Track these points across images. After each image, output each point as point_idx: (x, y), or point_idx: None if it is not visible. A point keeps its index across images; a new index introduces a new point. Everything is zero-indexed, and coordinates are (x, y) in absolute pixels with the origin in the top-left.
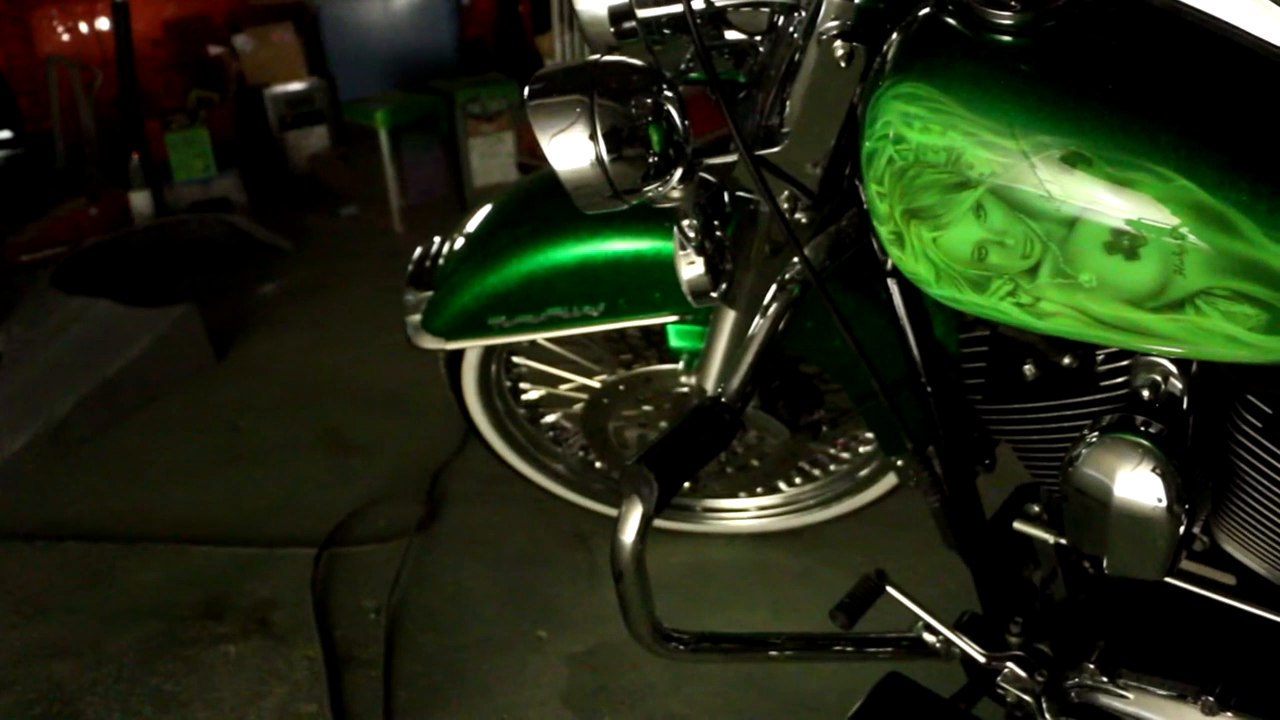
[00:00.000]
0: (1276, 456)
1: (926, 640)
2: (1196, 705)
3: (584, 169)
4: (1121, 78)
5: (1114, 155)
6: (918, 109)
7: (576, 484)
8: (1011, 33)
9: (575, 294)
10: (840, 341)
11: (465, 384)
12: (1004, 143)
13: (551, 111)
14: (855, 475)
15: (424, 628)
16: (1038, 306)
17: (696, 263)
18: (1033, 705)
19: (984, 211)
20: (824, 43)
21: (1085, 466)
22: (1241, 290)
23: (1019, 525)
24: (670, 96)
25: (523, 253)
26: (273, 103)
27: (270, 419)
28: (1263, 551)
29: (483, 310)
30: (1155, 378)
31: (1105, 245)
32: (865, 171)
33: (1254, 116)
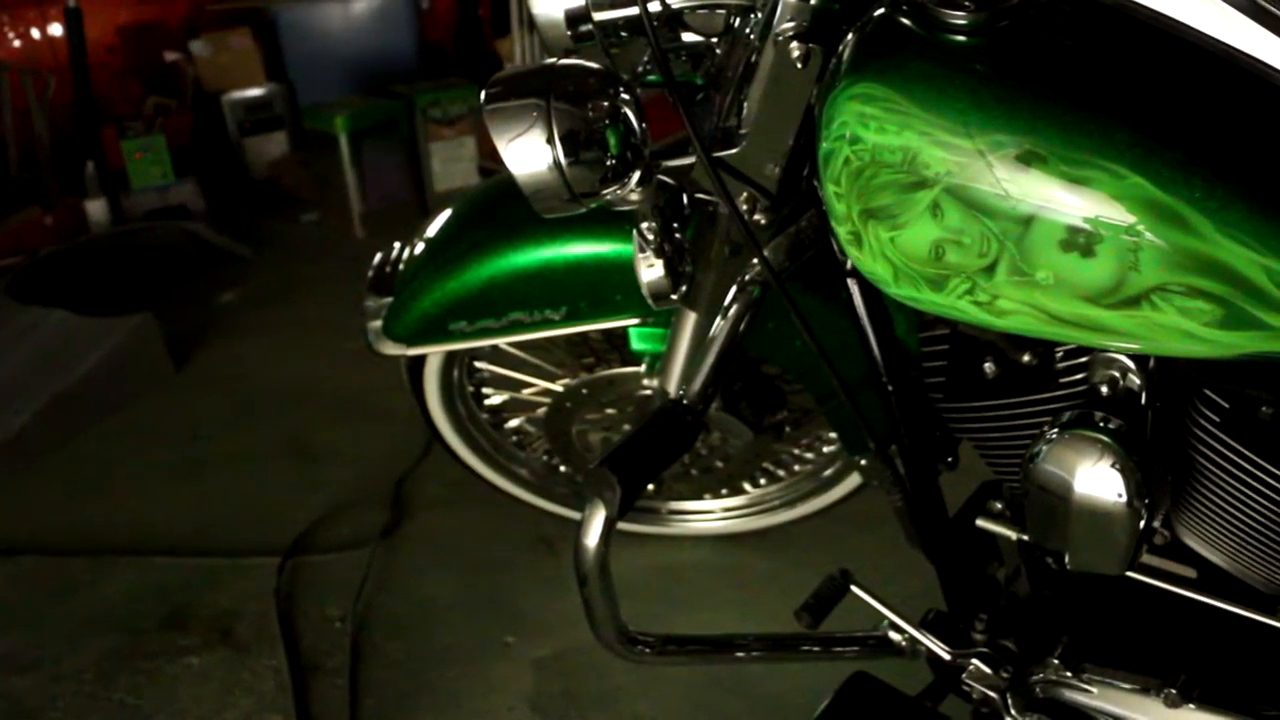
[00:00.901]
0: (1234, 450)
1: (892, 639)
2: (1159, 698)
3: (541, 173)
4: (1075, 76)
5: (1068, 153)
6: (873, 109)
7: (541, 488)
8: (965, 32)
9: (536, 298)
10: (801, 342)
11: (427, 389)
12: (959, 142)
13: (508, 115)
14: (820, 475)
15: (390, 635)
16: (995, 305)
17: (656, 265)
18: (998, 701)
19: (940, 211)
20: (780, 44)
21: (1046, 463)
22: (1196, 286)
23: (982, 522)
24: (627, 99)
25: (483, 257)
26: (231, 109)
27: (232, 427)
28: (1222, 544)
29: (444, 315)
30: (1114, 374)
31: (1061, 243)
32: (822, 172)
33: (1206, 113)
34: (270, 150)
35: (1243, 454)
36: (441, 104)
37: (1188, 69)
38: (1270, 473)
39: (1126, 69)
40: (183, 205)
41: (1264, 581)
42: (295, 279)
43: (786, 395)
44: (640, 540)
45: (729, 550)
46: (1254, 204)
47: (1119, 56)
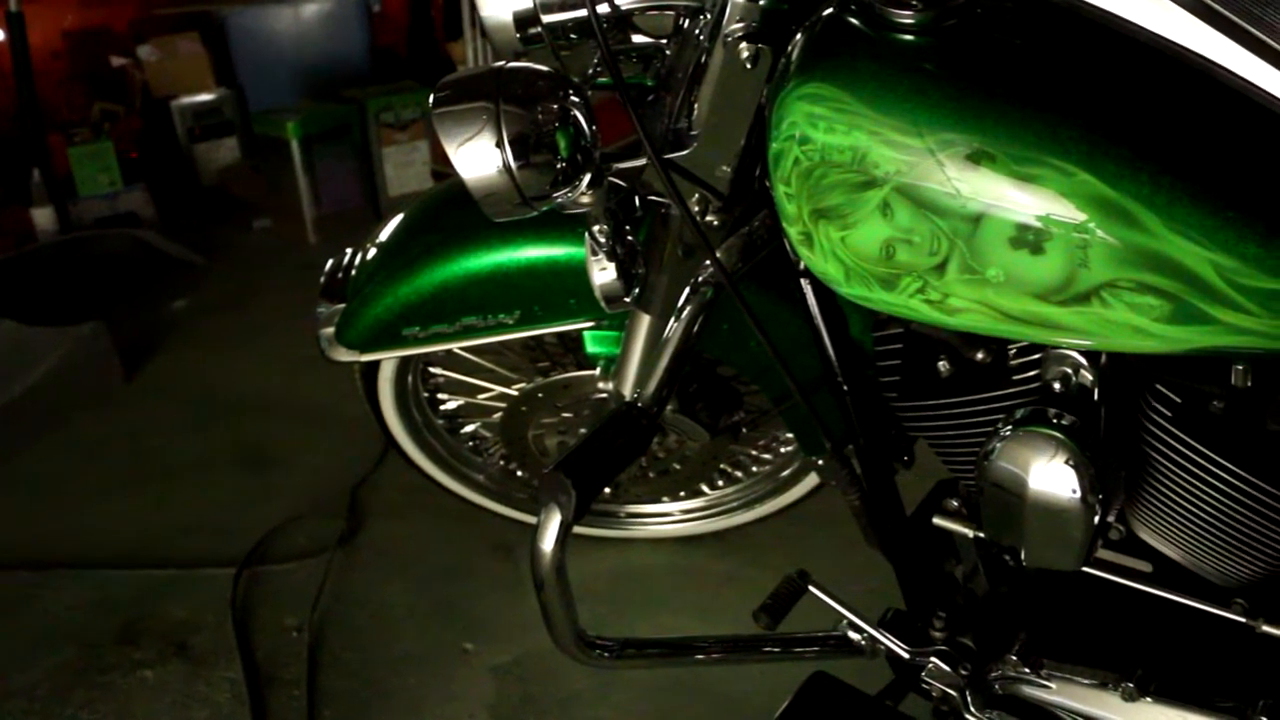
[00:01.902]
0: (1186, 444)
1: (852, 638)
2: (1117, 692)
3: (491, 177)
4: (1023, 75)
5: (1017, 151)
6: (822, 109)
7: (498, 493)
8: (913, 32)
9: (489, 302)
10: (756, 343)
11: (381, 396)
12: (908, 141)
13: (457, 119)
14: (777, 476)
15: (348, 644)
16: (947, 303)
17: (609, 268)
18: (958, 699)
19: (890, 210)
20: (729, 45)
21: (1000, 460)
22: (1145, 282)
23: (938, 521)
24: (577, 102)
25: (435, 262)
26: (180, 114)
27: (184, 437)
28: (1177, 538)
29: (396, 321)
30: (1066, 370)
31: (1011, 240)
32: (773, 172)
33: (1153, 111)
34: (221, 156)
35: (1195, 448)
36: (394, 108)
37: (1135, 67)
38: (1222, 466)
39: (1074, 67)
40: (132, 212)
41: (1218, 574)
42: (248, 286)
43: (743, 396)
44: (599, 544)
45: (688, 553)
46: (1201, 200)
47: (1066, 55)
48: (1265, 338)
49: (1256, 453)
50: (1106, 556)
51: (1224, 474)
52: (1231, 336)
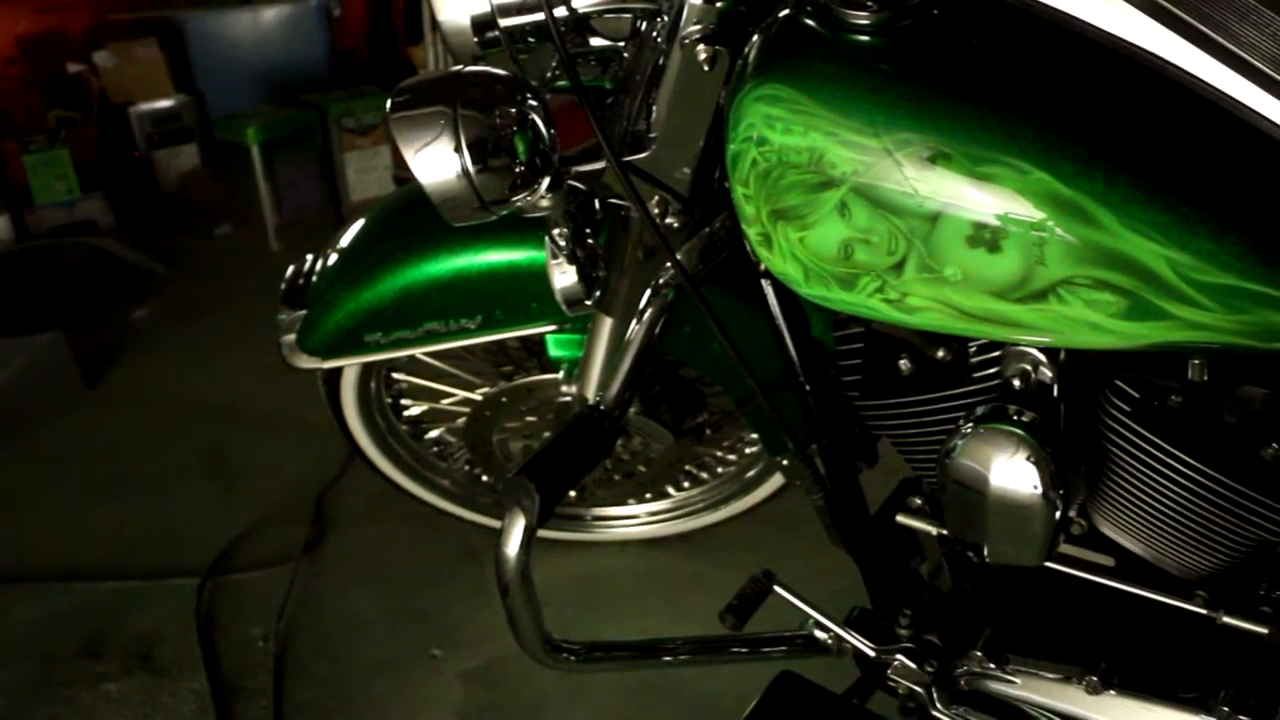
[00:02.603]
0: (1145, 439)
1: (818, 637)
2: (1081, 686)
3: (450, 181)
4: (978, 74)
5: (973, 150)
6: (779, 110)
7: (464, 498)
8: (869, 32)
9: (451, 307)
10: (719, 344)
11: (345, 403)
12: (865, 141)
13: (415, 124)
14: (743, 476)
15: (315, 653)
16: (905, 302)
17: (569, 271)
18: (924, 695)
19: (848, 210)
20: (687, 47)
21: (961, 457)
22: (1101, 278)
23: (902, 519)
24: (535, 105)
25: (396, 267)
26: (139, 121)
27: (146, 447)
28: (1138, 532)
29: (358, 327)
30: (1025, 367)
31: (968, 239)
32: (731, 174)
33: (1107, 109)
34: (180, 163)
35: (1154, 442)
36: (355, 113)
37: (1089, 66)
38: (1181, 460)
39: (1029, 66)
40: (90, 220)
41: (1179, 567)
42: (209, 294)
43: (706, 398)
44: (566, 547)
45: (655, 555)
46: (1155, 196)
47: (1021, 54)
48: (1220, 332)
49: (1214, 446)
50: (1069, 551)
51: (1183, 468)
52: (1187, 332)
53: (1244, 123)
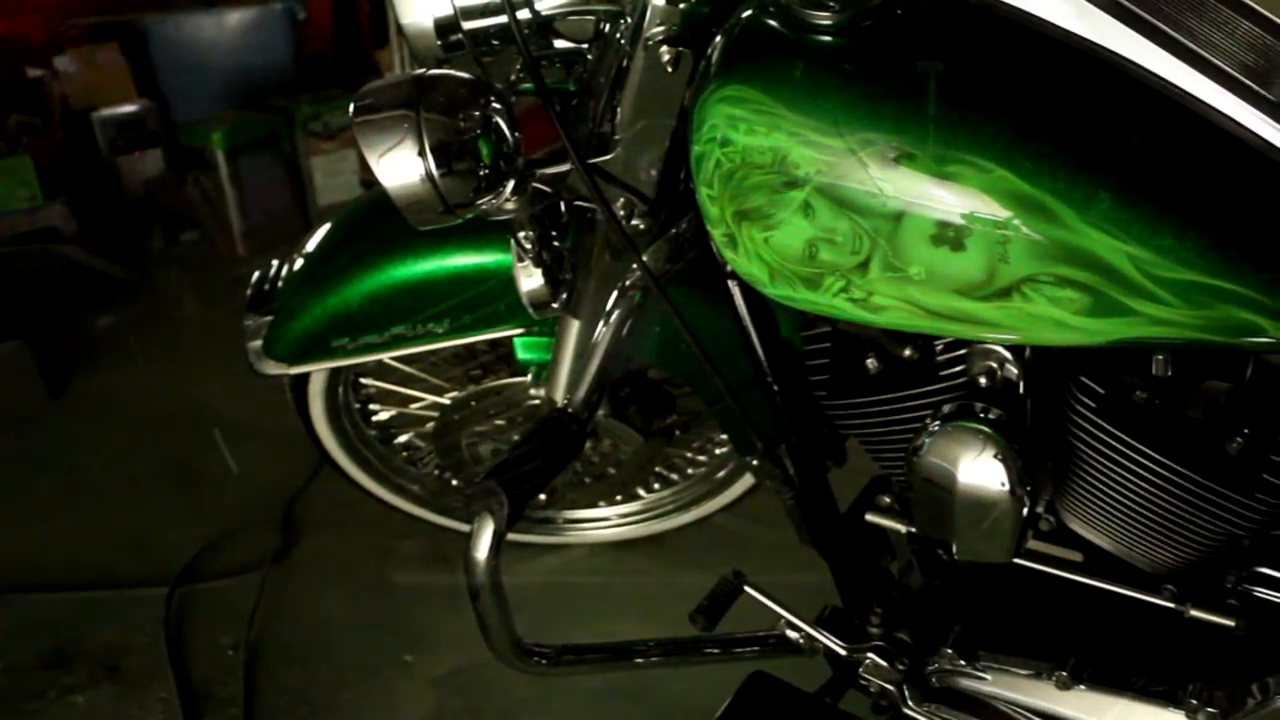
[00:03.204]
0: (1111, 434)
1: (790, 637)
2: (1051, 681)
3: (414, 185)
4: (940, 73)
5: (935, 149)
6: (742, 111)
7: (434, 503)
8: (831, 32)
9: (418, 311)
10: (687, 345)
11: (312, 409)
12: (828, 141)
13: (378, 128)
14: (713, 477)
15: (285, 661)
16: (871, 301)
17: (535, 274)
18: (896, 694)
19: (812, 210)
20: (650, 48)
21: (929, 455)
22: (1064, 275)
23: (871, 517)
24: (499, 108)
25: (363, 272)
26: (102, 126)
27: (113, 455)
28: (1105, 527)
29: (325, 332)
30: (991, 365)
31: (932, 238)
32: (695, 175)
33: (1068, 108)
34: (145, 168)
35: (1119, 438)
36: (321, 116)
37: (1050, 65)
38: (1147, 455)
39: (989, 65)
40: (53, 227)
41: (1147, 561)
42: (176, 300)
43: (675, 399)
44: (537, 551)
45: (626, 557)
46: (1117, 194)
47: (983, 54)
48: (1183, 328)
49: (1180, 441)
50: (1037, 547)
51: (1149, 462)
52: (1150, 327)
53: (1204, 120)
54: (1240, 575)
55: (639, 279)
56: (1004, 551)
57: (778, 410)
